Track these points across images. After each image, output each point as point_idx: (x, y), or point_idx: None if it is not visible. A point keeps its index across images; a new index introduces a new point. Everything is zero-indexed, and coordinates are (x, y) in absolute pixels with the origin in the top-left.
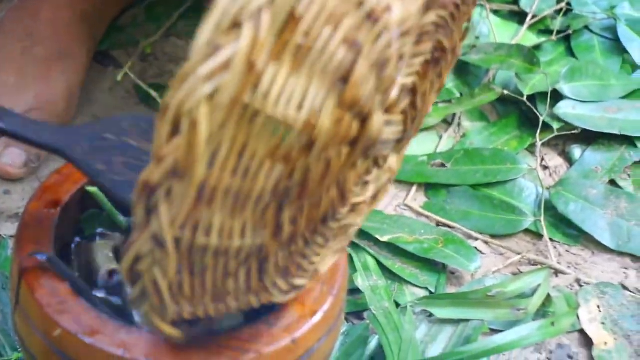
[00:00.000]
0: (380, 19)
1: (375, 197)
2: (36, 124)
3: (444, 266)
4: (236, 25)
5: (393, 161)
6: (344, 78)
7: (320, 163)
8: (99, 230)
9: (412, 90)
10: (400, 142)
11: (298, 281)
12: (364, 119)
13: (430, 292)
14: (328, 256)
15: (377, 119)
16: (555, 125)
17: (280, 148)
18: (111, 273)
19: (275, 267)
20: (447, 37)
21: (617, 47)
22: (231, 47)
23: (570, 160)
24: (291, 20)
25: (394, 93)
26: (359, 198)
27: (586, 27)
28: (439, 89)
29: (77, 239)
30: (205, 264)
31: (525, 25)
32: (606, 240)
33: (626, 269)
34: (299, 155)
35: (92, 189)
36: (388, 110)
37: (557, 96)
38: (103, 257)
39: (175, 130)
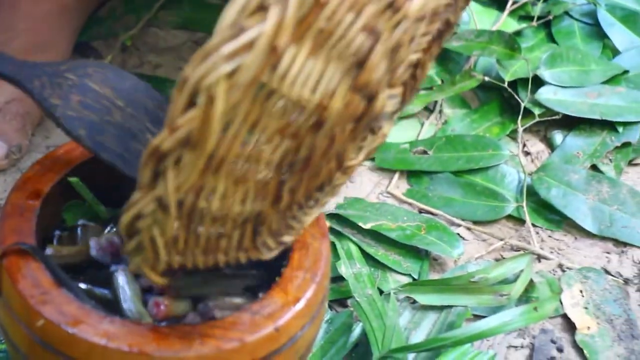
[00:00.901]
0: (401, 8)
1: (365, 157)
2: None
3: (427, 253)
4: (262, 8)
5: (387, 127)
6: (360, 63)
7: (326, 139)
8: (81, 221)
9: (415, 65)
10: (397, 112)
11: (285, 238)
12: (371, 98)
13: (414, 279)
14: (315, 212)
15: (383, 97)
16: (537, 111)
17: (291, 126)
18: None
19: (269, 230)
20: (453, 13)
21: (598, 32)
22: (256, 29)
23: (551, 146)
24: (316, 5)
25: (400, 70)
26: (352, 162)
27: (566, 13)
28: (436, 55)
29: (58, 232)
30: (202, 224)
31: (506, 12)
32: (588, 225)
33: (608, 253)
34: (308, 133)
35: (74, 180)
36: (391, 84)
37: (538, 82)
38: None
39: (191, 102)
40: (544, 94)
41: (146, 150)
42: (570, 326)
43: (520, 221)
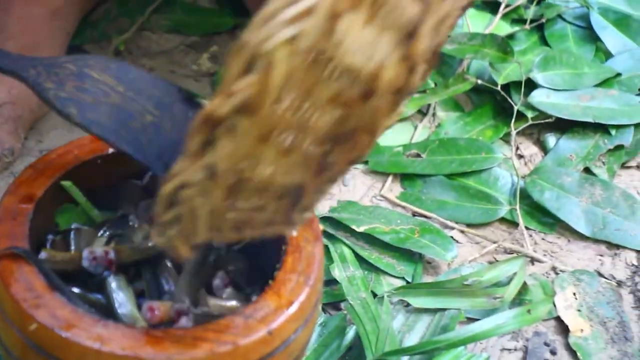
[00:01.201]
0: None
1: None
2: None
3: (421, 256)
4: None
5: (402, 106)
6: (411, 33)
7: (372, 110)
8: (74, 225)
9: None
10: (415, 90)
11: (307, 214)
12: (411, 70)
13: (407, 282)
14: (330, 188)
15: (420, 70)
16: (530, 114)
17: (342, 95)
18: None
19: (304, 203)
20: None
21: (590, 35)
22: None
23: (545, 149)
24: None
25: (435, 44)
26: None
27: (559, 16)
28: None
29: (51, 236)
30: (242, 197)
31: (499, 15)
32: (581, 228)
33: (601, 256)
34: (358, 102)
35: (67, 183)
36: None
37: (531, 85)
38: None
39: (248, 68)
40: (537, 97)
41: (198, 117)
42: (563, 329)
43: (514, 224)
